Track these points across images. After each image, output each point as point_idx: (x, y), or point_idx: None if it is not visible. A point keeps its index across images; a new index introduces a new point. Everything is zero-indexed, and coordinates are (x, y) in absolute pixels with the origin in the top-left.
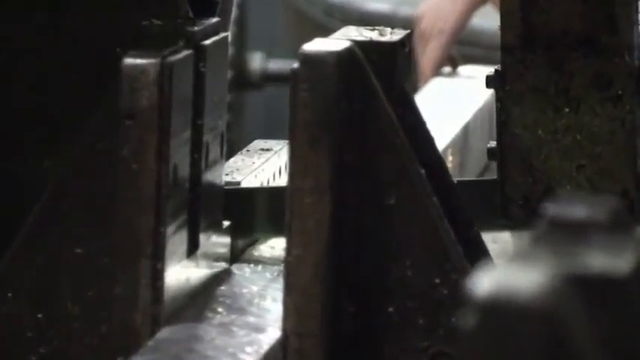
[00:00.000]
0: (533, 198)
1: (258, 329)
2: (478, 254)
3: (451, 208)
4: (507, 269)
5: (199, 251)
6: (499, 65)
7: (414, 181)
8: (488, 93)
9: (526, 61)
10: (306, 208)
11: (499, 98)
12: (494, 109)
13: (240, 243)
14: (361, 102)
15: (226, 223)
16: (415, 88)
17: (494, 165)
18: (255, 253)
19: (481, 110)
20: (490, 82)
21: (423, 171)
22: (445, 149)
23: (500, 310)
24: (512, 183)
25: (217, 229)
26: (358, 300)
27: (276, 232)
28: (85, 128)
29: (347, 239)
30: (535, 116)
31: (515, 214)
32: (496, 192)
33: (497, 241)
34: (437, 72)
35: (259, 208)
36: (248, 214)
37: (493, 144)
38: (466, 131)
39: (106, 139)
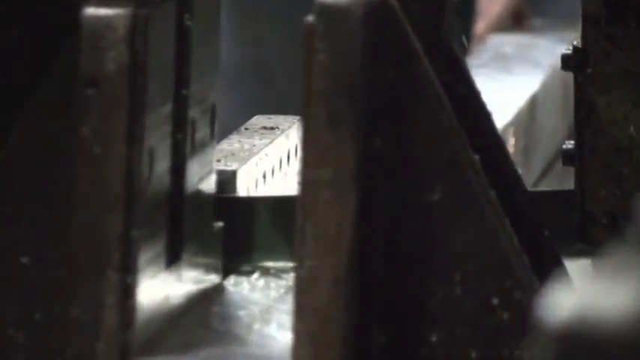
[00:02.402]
0: (621, 216)
1: None
2: (550, 268)
3: (514, 206)
4: (591, 289)
5: (182, 261)
6: (578, 40)
7: (464, 171)
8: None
9: (615, 37)
10: (324, 206)
11: (579, 85)
12: (573, 83)
13: (236, 250)
14: (396, 68)
15: (218, 225)
16: (468, 50)
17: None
18: (256, 264)
19: (553, 78)
20: (567, 62)
21: (476, 157)
22: (505, 129)
23: (583, 342)
24: (595, 196)
25: (206, 232)
26: (391, 327)
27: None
28: (32, 101)
29: (376, 247)
30: (626, 109)
31: (597, 235)
32: (573, 207)
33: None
34: (497, 28)
35: (261, 217)
36: (246, 219)
37: (570, 145)
38: (533, 105)
39: (59, 114)
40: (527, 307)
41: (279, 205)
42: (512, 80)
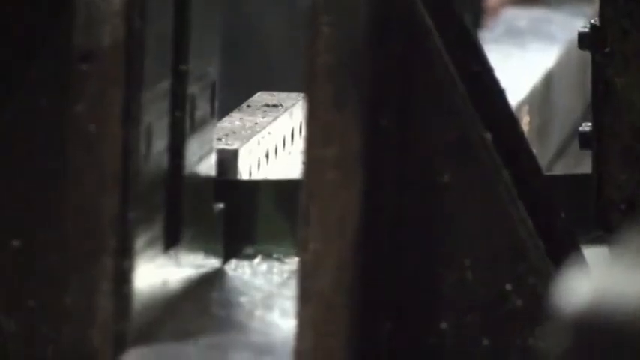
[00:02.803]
0: None
1: (262, 352)
2: (566, 252)
3: (528, 187)
4: (609, 275)
5: (181, 245)
6: (596, 18)
7: (476, 150)
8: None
9: (634, 15)
10: (329, 187)
11: (596, 64)
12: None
13: (238, 232)
14: (405, 42)
15: (218, 207)
16: (480, 23)
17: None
18: (258, 247)
19: (569, 54)
20: (584, 41)
21: (489, 136)
22: (519, 106)
23: (600, 330)
24: (613, 181)
25: (206, 214)
26: (398, 313)
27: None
28: (22, 77)
29: (383, 231)
30: None
31: (615, 222)
32: (590, 192)
33: None
34: (510, 1)
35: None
36: (248, 202)
37: (587, 127)
38: (548, 82)
39: (51, 90)
40: (541, 293)
41: (282, 188)
42: (526, 56)
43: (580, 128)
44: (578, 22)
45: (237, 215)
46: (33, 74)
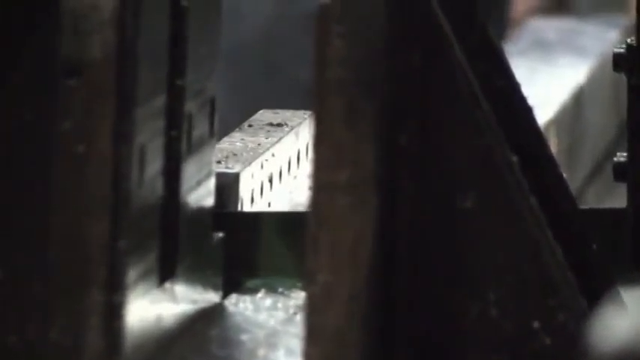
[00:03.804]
0: None
1: None
2: (600, 286)
3: (558, 215)
4: None
5: (177, 277)
6: (633, 37)
7: (501, 174)
8: (616, 41)
9: None
10: (340, 213)
11: (632, 88)
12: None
13: (239, 264)
14: (424, 54)
15: (218, 236)
16: (505, 34)
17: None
18: (261, 280)
19: (601, 69)
20: (619, 62)
21: (515, 158)
22: (547, 126)
23: None
24: None
25: (204, 243)
26: (418, 353)
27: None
28: (3, 91)
29: (399, 261)
30: None
31: None
32: (625, 228)
33: None
34: (538, 10)
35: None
36: (250, 232)
37: (622, 157)
38: (578, 100)
39: (36, 107)
40: (573, 331)
41: (286, 220)
42: (555, 71)
43: (615, 158)
44: (612, 34)
45: (239, 245)
46: (14, 89)
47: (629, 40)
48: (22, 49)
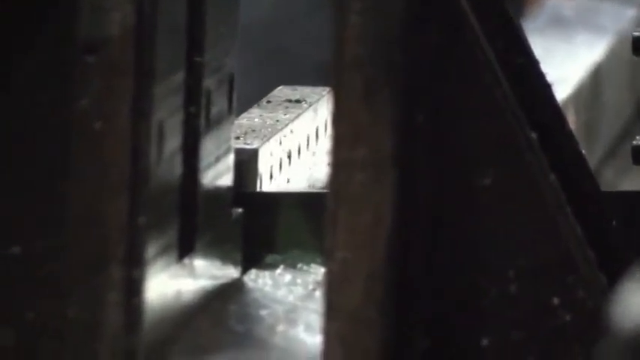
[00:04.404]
0: None
1: None
2: (619, 263)
3: (577, 192)
4: None
5: (196, 253)
6: None
7: (520, 151)
8: (633, 20)
9: None
10: (358, 190)
11: None
12: None
13: (258, 239)
14: (442, 32)
15: (237, 211)
16: (522, 11)
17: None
18: (281, 256)
19: (620, 46)
20: (639, 46)
21: (534, 136)
22: (565, 104)
23: None
24: None
25: (223, 219)
26: (436, 330)
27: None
28: (20, 69)
29: (418, 238)
30: None
31: None
32: None
33: None
34: None
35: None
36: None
37: None
38: (596, 77)
39: (54, 84)
40: (592, 308)
41: (305, 200)
42: (573, 48)
43: (634, 142)
44: (630, 12)
45: (258, 220)
46: (32, 67)
47: None
48: (41, 26)
